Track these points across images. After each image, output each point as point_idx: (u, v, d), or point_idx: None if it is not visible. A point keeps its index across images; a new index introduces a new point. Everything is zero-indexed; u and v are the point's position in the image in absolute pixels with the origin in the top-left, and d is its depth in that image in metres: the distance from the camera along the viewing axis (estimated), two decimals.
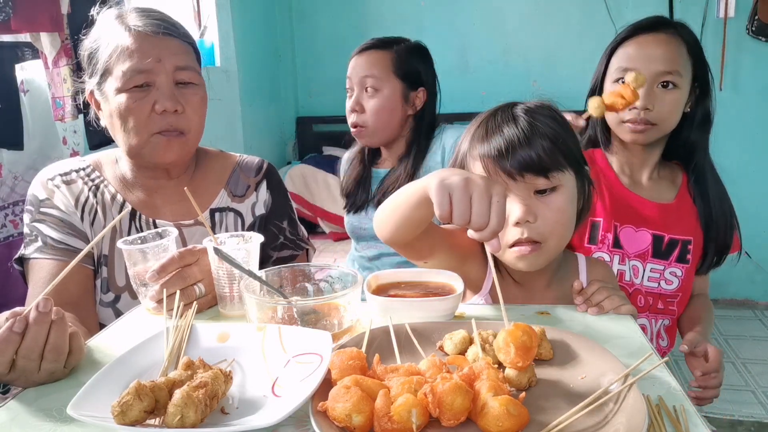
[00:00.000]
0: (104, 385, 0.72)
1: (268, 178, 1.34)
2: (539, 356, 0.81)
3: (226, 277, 1.00)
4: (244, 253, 1.00)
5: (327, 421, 0.66)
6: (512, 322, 0.76)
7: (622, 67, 1.33)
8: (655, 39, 1.32)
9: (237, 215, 1.29)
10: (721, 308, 3.37)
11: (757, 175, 3.31)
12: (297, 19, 3.71)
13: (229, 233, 1.07)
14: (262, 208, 1.32)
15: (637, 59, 1.31)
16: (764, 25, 3.08)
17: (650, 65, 1.30)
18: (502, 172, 0.97)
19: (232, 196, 1.30)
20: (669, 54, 1.31)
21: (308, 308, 0.91)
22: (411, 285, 1.03)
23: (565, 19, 3.39)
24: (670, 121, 1.34)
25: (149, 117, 1.14)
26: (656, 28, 1.33)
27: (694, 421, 0.69)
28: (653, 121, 1.31)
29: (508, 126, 0.98)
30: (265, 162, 1.37)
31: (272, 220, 1.32)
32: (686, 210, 1.42)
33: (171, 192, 1.26)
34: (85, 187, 1.24)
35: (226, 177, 1.32)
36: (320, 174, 3.23)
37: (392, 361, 0.79)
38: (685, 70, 1.32)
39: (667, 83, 1.30)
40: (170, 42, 1.16)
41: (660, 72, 1.30)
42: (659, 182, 1.45)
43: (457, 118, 3.51)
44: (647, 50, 1.31)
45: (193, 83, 1.20)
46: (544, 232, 0.98)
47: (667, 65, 1.30)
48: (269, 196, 1.33)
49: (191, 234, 1.25)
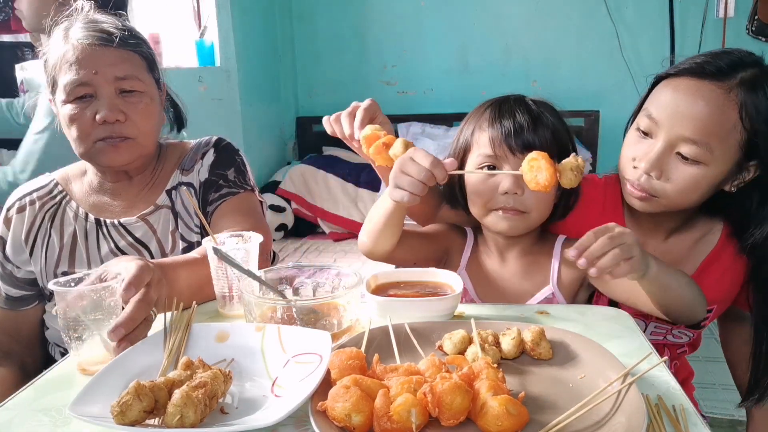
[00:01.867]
0: (104, 385, 0.72)
1: (216, 147, 1.33)
2: (539, 356, 0.81)
3: (225, 277, 1.00)
4: (243, 253, 1.00)
5: (326, 421, 0.66)
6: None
7: (648, 115, 1.03)
8: (698, 89, 0.98)
9: (189, 187, 1.28)
10: None
11: None
12: (297, 19, 3.71)
13: (228, 233, 1.07)
14: (206, 170, 1.29)
15: (665, 110, 1.00)
16: (764, 25, 3.09)
17: (674, 123, 0.98)
18: (506, 146, 1.07)
19: (183, 171, 1.30)
20: (703, 118, 0.96)
21: (308, 308, 0.91)
22: (410, 284, 1.03)
23: (565, 19, 3.39)
24: (683, 199, 1.03)
25: (92, 126, 1.16)
26: (710, 75, 0.98)
27: (694, 420, 0.69)
28: (655, 193, 1.03)
29: (519, 112, 1.08)
30: (214, 137, 1.36)
31: (215, 171, 1.29)
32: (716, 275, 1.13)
33: (135, 191, 1.28)
34: (40, 213, 1.27)
35: (180, 160, 1.32)
36: (320, 174, 3.23)
37: (392, 360, 0.79)
38: (723, 146, 0.97)
39: (686, 156, 0.99)
40: (109, 52, 1.17)
41: (681, 137, 0.98)
42: (678, 246, 1.16)
43: (457, 118, 3.52)
44: (680, 103, 0.98)
45: (137, 90, 1.20)
46: (528, 205, 1.07)
47: (695, 132, 0.97)
48: (213, 155, 1.31)
49: (156, 219, 1.25)
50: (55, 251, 1.25)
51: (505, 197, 1.07)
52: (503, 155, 1.07)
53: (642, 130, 1.04)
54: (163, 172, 1.31)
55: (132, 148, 1.20)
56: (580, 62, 3.37)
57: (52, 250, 1.25)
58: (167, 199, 1.28)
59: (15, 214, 1.27)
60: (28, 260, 1.26)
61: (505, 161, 1.07)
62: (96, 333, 0.84)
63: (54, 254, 1.24)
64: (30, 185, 1.31)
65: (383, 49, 3.62)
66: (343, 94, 3.73)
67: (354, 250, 2.82)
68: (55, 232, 1.25)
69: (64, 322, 0.83)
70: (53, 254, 1.24)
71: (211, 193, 1.28)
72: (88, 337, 0.84)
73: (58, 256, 1.24)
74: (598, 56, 3.31)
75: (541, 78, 3.43)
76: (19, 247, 1.26)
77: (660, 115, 1.01)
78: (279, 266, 1.03)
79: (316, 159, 3.46)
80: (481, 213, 1.11)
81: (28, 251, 1.26)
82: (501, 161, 1.07)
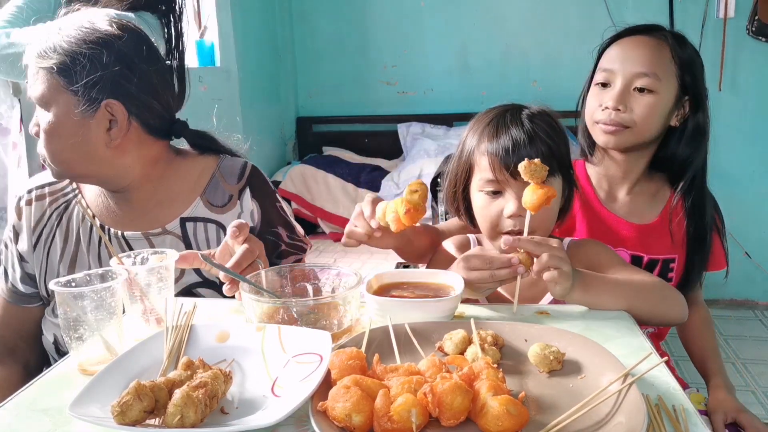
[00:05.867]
0: (104, 385, 0.72)
1: (251, 184, 1.23)
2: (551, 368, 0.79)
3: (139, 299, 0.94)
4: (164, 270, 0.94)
5: (327, 421, 0.66)
6: None
7: (602, 68, 1.30)
8: (637, 41, 1.29)
9: (219, 227, 1.20)
10: (721, 308, 3.37)
11: (756, 175, 3.32)
12: (297, 19, 3.71)
13: (152, 249, 1.01)
14: (250, 220, 1.21)
15: (617, 60, 1.28)
16: (764, 25, 3.08)
17: (626, 66, 1.27)
18: (504, 169, 1.07)
19: (211, 206, 1.21)
20: (647, 56, 1.26)
21: (308, 308, 0.91)
22: (413, 285, 1.03)
23: (565, 19, 3.38)
24: (647, 127, 1.27)
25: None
26: (642, 32, 1.30)
27: (694, 420, 0.69)
28: (625, 123, 1.26)
29: (515, 128, 1.09)
30: (248, 165, 1.26)
31: (268, 229, 1.23)
32: (670, 228, 1.35)
33: (144, 199, 1.20)
34: (49, 209, 1.22)
35: (204, 184, 1.22)
36: (320, 174, 3.23)
37: (392, 361, 0.79)
38: (665, 75, 1.26)
39: (642, 88, 1.25)
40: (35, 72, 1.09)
41: (634, 73, 1.25)
42: (639, 198, 1.38)
43: (456, 118, 3.51)
44: (627, 52, 1.28)
45: (44, 109, 1.10)
46: (533, 226, 1.05)
47: (643, 67, 1.25)
48: (256, 206, 1.22)
49: (160, 243, 1.18)
50: (57, 254, 1.20)
51: (510, 220, 1.08)
52: (504, 179, 1.08)
53: (601, 82, 1.30)
54: (177, 188, 1.21)
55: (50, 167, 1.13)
56: (580, 62, 3.35)
57: (54, 252, 1.21)
58: (179, 228, 1.19)
59: (25, 206, 1.23)
60: (31, 255, 1.22)
61: (506, 185, 1.08)
62: (96, 333, 0.84)
63: (56, 257, 1.20)
64: (45, 177, 1.24)
65: (383, 49, 3.62)
66: (343, 94, 3.73)
67: (354, 250, 2.82)
68: (60, 233, 1.21)
69: (64, 322, 0.83)
70: (55, 257, 1.20)
71: (276, 260, 1.22)
72: (88, 337, 0.83)
73: (59, 260, 1.20)
74: None
75: (541, 78, 3.43)
76: (28, 241, 1.22)
77: (613, 65, 1.28)
78: (279, 266, 1.03)
79: (316, 159, 3.46)
80: (491, 235, 1.13)
81: (33, 246, 1.22)
82: (503, 185, 1.09)
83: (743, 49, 3.19)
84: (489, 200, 1.10)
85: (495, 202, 1.09)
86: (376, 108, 3.69)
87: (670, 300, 1.06)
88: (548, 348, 0.79)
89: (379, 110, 3.69)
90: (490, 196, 1.10)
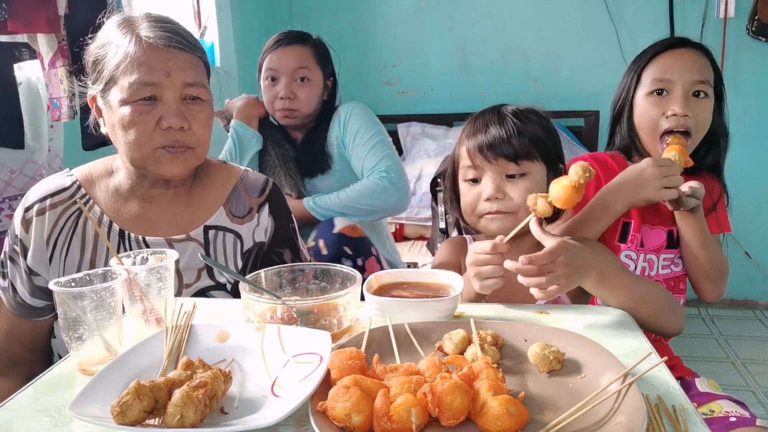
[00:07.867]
0: (104, 385, 0.72)
1: (271, 201, 1.27)
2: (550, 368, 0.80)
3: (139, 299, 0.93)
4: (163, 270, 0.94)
5: (326, 421, 0.66)
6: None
7: (658, 78, 1.39)
8: (688, 52, 1.40)
9: (237, 237, 1.23)
10: (721, 308, 3.37)
11: (756, 175, 3.31)
12: (297, 19, 3.71)
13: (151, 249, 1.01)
14: (263, 234, 1.25)
15: (674, 70, 1.38)
16: (764, 25, 3.08)
17: (686, 74, 1.37)
18: (480, 155, 1.15)
19: (232, 216, 1.24)
20: (701, 65, 1.39)
21: (307, 308, 0.91)
22: (413, 285, 1.03)
23: (565, 20, 3.38)
24: (704, 130, 1.39)
25: (154, 131, 1.11)
26: (684, 45, 1.42)
27: (693, 420, 0.69)
28: (691, 128, 1.36)
29: (492, 121, 1.17)
30: (269, 181, 1.30)
31: (274, 248, 1.26)
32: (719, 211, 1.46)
33: (166, 204, 1.21)
34: (62, 218, 1.18)
35: (227, 194, 1.25)
36: None
37: (392, 360, 0.79)
38: (711, 83, 1.39)
39: (699, 92, 1.37)
40: (181, 56, 1.12)
41: (695, 81, 1.37)
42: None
43: (457, 118, 3.51)
44: (683, 61, 1.39)
45: (201, 99, 1.16)
46: (511, 207, 1.13)
47: (700, 74, 1.37)
48: (271, 223, 1.26)
49: (183, 249, 1.18)
50: (75, 261, 1.17)
51: (488, 203, 1.14)
52: (481, 165, 1.15)
53: (656, 91, 1.38)
54: (203, 195, 1.24)
55: (188, 159, 1.16)
56: (580, 62, 3.36)
57: (71, 262, 1.17)
58: (202, 236, 1.21)
59: (35, 217, 1.17)
60: (47, 268, 1.18)
61: (482, 170, 1.15)
62: (96, 333, 0.84)
63: (74, 265, 1.16)
64: (50, 184, 1.21)
65: (383, 49, 3.62)
66: (344, 94, 3.71)
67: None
68: (76, 241, 1.17)
69: (64, 322, 0.83)
70: (72, 265, 1.17)
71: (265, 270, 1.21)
72: (88, 337, 0.84)
73: (78, 267, 1.16)
74: (598, 56, 3.30)
75: (541, 78, 3.43)
76: (40, 254, 1.17)
77: (671, 74, 1.37)
78: (279, 266, 1.03)
79: None
80: (473, 220, 1.19)
81: (48, 259, 1.17)
82: (480, 170, 1.16)
83: (743, 49, 3.19)
84: (469, 187, 1.18)
85: (474, 188, 1.17)
86: (376, 108, 3.66)
87: (672, 310, 1.06)
88: (548, 348, 0.79)
89: (379, 110, 3.66)
90: (470, 184, 1.17)
